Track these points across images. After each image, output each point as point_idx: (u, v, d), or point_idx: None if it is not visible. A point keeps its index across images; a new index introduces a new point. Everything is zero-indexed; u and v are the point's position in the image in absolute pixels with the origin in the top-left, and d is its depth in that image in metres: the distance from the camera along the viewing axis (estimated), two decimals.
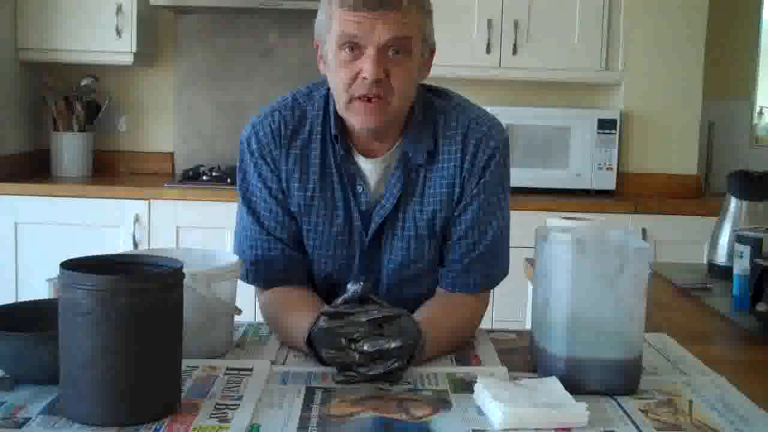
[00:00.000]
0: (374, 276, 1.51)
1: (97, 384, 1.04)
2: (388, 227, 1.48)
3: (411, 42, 1.35)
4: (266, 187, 1.49)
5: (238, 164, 1.55)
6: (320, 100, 1.49)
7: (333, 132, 1.45)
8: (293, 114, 1.49)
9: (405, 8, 1.33)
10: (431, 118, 1.48)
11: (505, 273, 1.55)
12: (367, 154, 1.47)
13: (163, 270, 1.12)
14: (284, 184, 1.49)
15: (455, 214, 1.48)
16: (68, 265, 1.09)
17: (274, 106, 1.52)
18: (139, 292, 1.04)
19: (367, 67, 1.33)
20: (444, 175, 1.46)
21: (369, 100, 1.36)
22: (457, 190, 1.47)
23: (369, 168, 1.48)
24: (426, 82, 1.58)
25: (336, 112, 1.44)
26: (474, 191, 1.46)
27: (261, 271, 1.51)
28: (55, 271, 1.58)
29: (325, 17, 1.38)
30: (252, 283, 1.54)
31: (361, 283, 1.26)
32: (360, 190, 1.47)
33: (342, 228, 1.48)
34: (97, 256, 1.17)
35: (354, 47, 1.34)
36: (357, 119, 1.39)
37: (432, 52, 1.46)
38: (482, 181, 1.46)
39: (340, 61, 1.36)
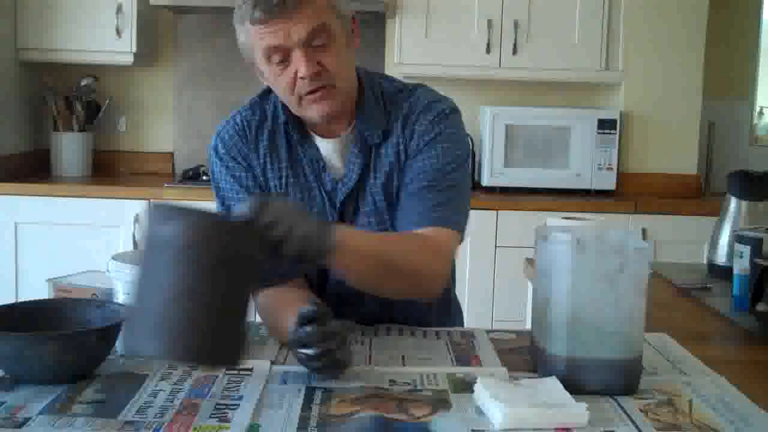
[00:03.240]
0: None
1: (179, 320, 1.05)
2: (352, 205, 1.53)
3: (327, 26, 1.39)
4: (242, 186, 1.53)
5: (210, 176, 1.59)
6: (276, 97, 1.54)
7: (283, 119, 1.52)
8: (253, 113, 1.56)
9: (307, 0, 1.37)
10: (382, 99, 1.53)
11: (462, 225, 1.50)
12: (325, 135, 1.52)
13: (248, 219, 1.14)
14: (261, 179, 1.54)
15: (410, 162, 1.50)
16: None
17: (233, 113, 1.59)
18: (233, 236, 1.08)
19: (300, 67, 1.38)
20: (391, 146, 1.51)
21: (316, 90, 1.41)
22: (402, 155, 1.51)
23: (328, 148, 1.53)
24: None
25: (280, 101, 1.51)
26: (421, 144, 1.49)
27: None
28: (55, 271, 1.58)
29: (245, 39, 1.44)
30: None
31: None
32: (323, 170, 1.52)
33: (320, 209, 1.53)
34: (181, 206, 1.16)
35: (282, 54, 1.39)
36: (313, 112, 1.44)
37: (353, 21, 1.49)
38: (429, 136, 1.49)
39: (275, 72, 1.42)
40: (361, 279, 1.35)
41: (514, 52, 3.55)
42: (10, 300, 1.47)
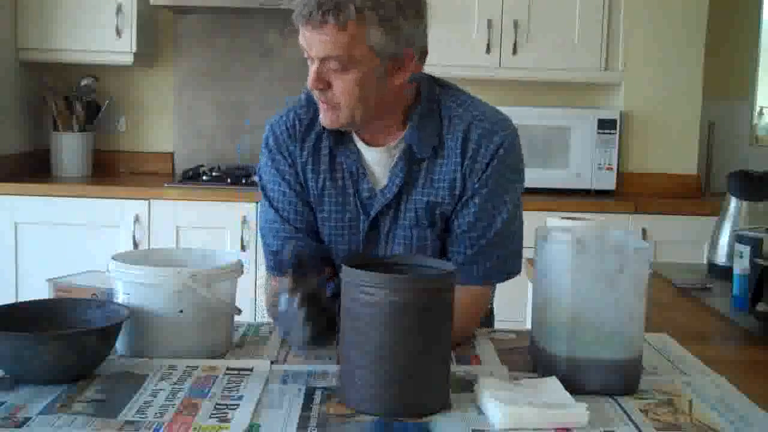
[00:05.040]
0: None
1: (385, 375, 1.10)
2: (390, 216, 1.52)
3: (349, 57, 1.37)
4: (284, 180, 1.55)
5: (259, 164, 1.63)
6: None
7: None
8: (307, 111, 1.56)
9: (340, 24, 1.34)
10: (438, 113, 1.51)
11: (512, 269, 1.56)
12: (371, 143, 1.53)
13: (445, 271, 1.19)
14: (301, 177, 1.55)
15: (458, 207, 1.50)
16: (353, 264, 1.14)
17: (289, 106, 1.59)
18: (431, 291, 1.12)
19: (310, 76, 1.42)
20: (446, 170, 1.50)
21: (323, 102, 1.44)
22: (458, 184, 1.49)
23: (373, 157, 1.53)
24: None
25: None
26: (476, 185, 1.49)
27: (280, 260, 1.55)
28: (55, 271, 1.59)
29: None
30: (272, 271, 1.59)
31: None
32: (361, 178, 1.52)
33: (353, 215, 1.54)
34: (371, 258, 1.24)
35: (308, 56, 1.42)
36: (320, 116, 1.48)
37: (407, 57, 1.43)
38: (485, 175, 1.49)
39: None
40: None
41: (514, 52, 3.55)
42: (10, 300, 1.47)
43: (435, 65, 1.53)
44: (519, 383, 1.18)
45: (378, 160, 1.52)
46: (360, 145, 1.53)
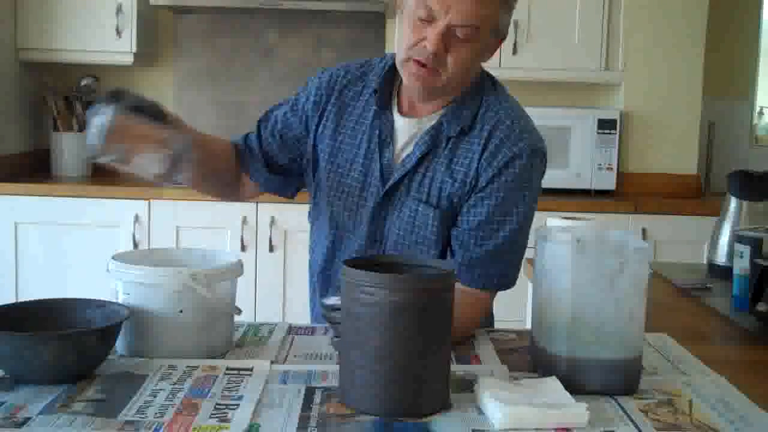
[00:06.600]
0: (380, 235, 1.56)
1: (385, 375, 1.09)
2: (405, 187, 1.54)
3: (478, 30, 1.42)
4: (297, 99, 1.64)
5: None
6: (389, 61, 1.58)
7: (374, 87, 1.56)
8: (358, 69, 1.61)
9: None
10: (478, 101, 1.54)
11: (510, 280, 1.55)
12: (406, 112, 1.55)
13: (445, 271, 1.19)
14: (319, 125, 1.60)
15: (470, 203, 1.51)
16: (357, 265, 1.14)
17: (355, 60, 1.65)
18: (430, 290, 1.11)
19: (430, 38, 1.42)
20: (466, 156, 1.51)
21: (423, 65, 1.44)
22: (472, 174, 1.50)
23: (402, 126, 1.55)
24: None
25: (386, 68, 1.56)
26: (494, 185, 1.49)
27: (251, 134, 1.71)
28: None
29: None
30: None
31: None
32: (386, 145, 1.54)
33: (357, 175, 1.56)
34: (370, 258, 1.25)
35: (428, 17, 1.42)
36: (408, 77, 1.48)
37: (500, 39, 1.50)
38: (502, 178, 1.49)
39: (412, 21, 1.44)
40: None
41: (514, 52, 3.55)
42: (10, 300, 1.47)
43: None
44: (519, 383, 1.18)
45: (406, 130, 1.55)
46: (395, 112, 1.56)
